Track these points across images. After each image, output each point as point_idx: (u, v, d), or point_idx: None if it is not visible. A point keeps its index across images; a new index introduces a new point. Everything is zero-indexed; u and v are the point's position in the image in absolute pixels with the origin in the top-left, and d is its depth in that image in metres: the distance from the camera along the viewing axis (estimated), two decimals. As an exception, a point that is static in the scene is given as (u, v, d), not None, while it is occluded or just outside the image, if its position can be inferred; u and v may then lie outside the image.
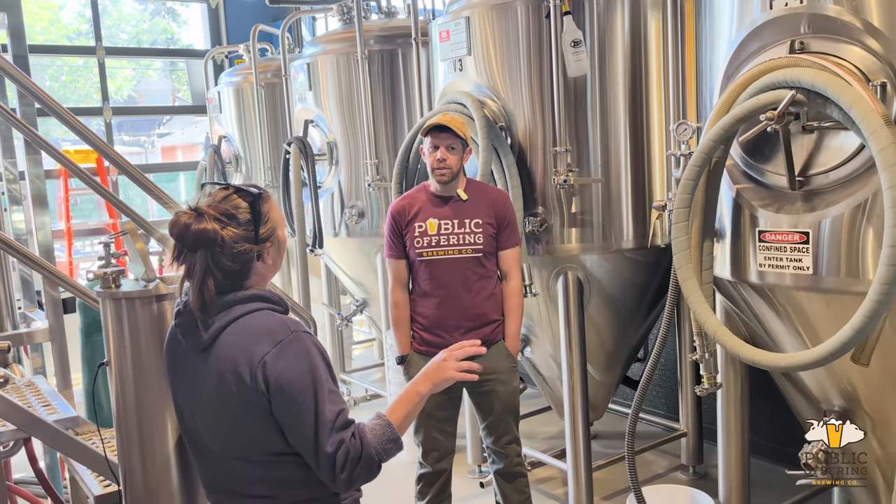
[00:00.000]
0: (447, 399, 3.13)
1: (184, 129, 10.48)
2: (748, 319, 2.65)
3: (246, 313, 1.68)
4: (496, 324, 3.09)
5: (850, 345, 1.99)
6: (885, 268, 1.90)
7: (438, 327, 3.05)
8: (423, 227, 3.04)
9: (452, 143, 2.97)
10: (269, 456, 1.68)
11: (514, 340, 3.12)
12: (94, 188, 3.01)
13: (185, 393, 1.77)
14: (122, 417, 2.11)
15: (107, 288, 2.13)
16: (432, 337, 3.07)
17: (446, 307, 3.03)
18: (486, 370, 3.06)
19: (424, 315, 3.08)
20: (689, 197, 2.39)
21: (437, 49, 3.77)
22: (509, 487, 3.22)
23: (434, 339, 3.06)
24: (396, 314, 3.14)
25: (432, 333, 3.07)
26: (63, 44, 9.20)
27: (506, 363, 3.10)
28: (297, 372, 1.63)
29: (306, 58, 4.88)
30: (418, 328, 3.11)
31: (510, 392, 3.12)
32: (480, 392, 3.12)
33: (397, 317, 3.14)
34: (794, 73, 2.11)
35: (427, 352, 3.08)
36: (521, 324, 3.16)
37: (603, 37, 3.36)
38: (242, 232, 1.68)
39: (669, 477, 4.20)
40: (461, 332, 3.03)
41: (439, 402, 3.11)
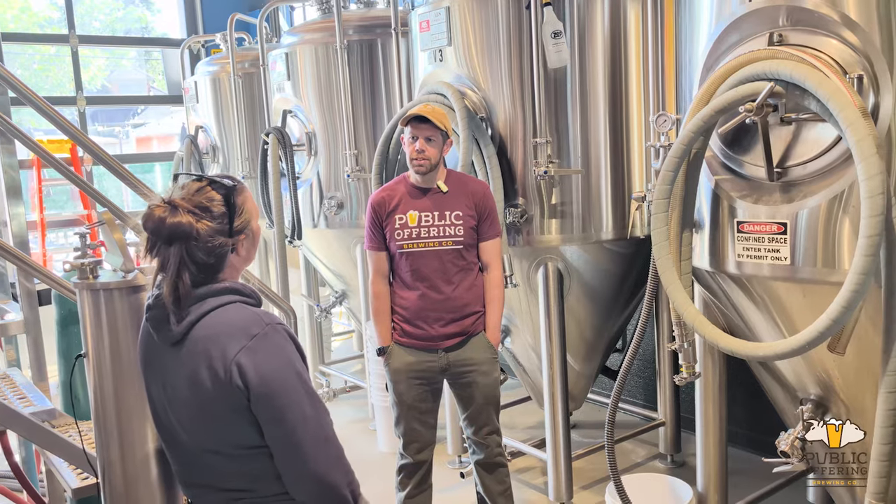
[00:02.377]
0: (428, 391, 3.13)
1: (159, 120, 10.35)
2: (726, 309, 2.68)
3: (219, 306, 1.66)
4: (477, 315, 3.09)
5: (826, 334, 2.02)
6: (861, 258, 1.92)
7: (419, 319, 3.05)
8: (403, 219, 3.03)
9: (431, 134, 2.96)
10: (244, 449, 1.67)
11: (495, 332, 3.12)
12: (71, 178, 2.97)
13: (158, 387, 1.75)
14: (101, 410, 2.09)
15: (84, 279, 2.10)
16: (413, 328, 3.07)
17: (427, 299, 3.03)
18: (467, 361, 3.07)
19: (405, 307, 3.07)
20: (668, 188, 2.41)
21: (418, 39, 3.75)
22: (490, 478, 3.23)
23: (415, 331, 3.06)
24: (377, 305, 3.13)
25: (413, 325, 3.07)
26: (34, 32, 9.03)
27: (486, 354, 3.11)
28: (275, 365, 1.62)
29: (284, 47, 4.84)
30: (399, 319, 3.11)
31: (491, 383, 3.13)
32: (461, 383, 3.12)
33: (378, 308, 3.13)
34: (772, 66, 2.13)
35: (408, 343, 3.08)
36: (502, 314, 3.17)
37: (583, 28, 3.36)
38: (217, 225, 1.65)
39: (648, 466, 4.25)
40: (442, 324, 3.03)
41: (420, 393, 3.11)
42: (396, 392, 3.12)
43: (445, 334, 3.04)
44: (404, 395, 3.11)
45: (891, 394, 2.09)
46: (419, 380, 3.10)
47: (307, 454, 1.63)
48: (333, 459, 1.67)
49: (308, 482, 1.65)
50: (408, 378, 3.09)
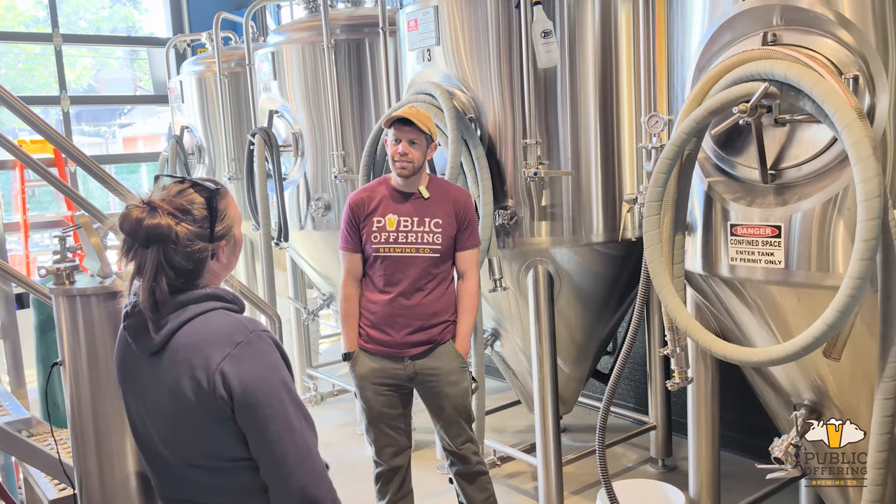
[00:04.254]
0: (396, 397, 3.06)
1: (146, 120, 10.25)
2: (719, 313, 2.64)
3: (200, 313, 1.60)
4: (445, 324, 3.02)
5: (822, 339, 1.98)
6: (858, 262, 1.89)
7: (386, 324, 2.97)
8: (381, 221, 2.96)
9: (415, 137, 2.89)
10: (227, 462, 1.60)
11: (465, 341, 3.04)
12: (48, 179, 2.90)
13: (137, 399, 1.68)
14: (78, 419, 2.03)
15: (60, 284, 2.04)
16: (378, 334, 2.99)
17: (396, 304, 2.95)
18: (434, 370, 3.00)
19: (373, 311, 2.99)
20: (660, 190, 2.37)
21: (406, 38, 3.70)
22: (472, 487, 3.15)
23: (381, 337, 2.98)
24: (346, 309, 3.04)
25: (379, 330, 2.98)
26: (19, 31, 8.92)
27: (454, 364, 3.02)
28: (260, 374, 1.56)
29: (271, 46, 4.78)
30: (365, 324, 3.02)
31: (459, 393, 3.04)
32: (429, 393, 3.04)
33: (347, 311, 3.04)
34: (766, 66, 2.09)
35: (374, 350, 3.00)
36: (474, 324, 3.09)
37: (573, 27, 3.32)
38: (197, 229, 1.59)
39: (639, 470, 4.21)
40: (409, 331, 2.96)
41: (388, 400, 3.03)
42: (364, 398, 3.04)
43: (412, 342, 2.96)
44: (372, 402, 3.03)
45: (887, 400, 2.06)
46: (386, 386, 3.02)
47: (292, 466, 1.57)
48: (318, 474, 1.61)
49: (294, 495, 1.58)
50: (373, 384, 3.01)
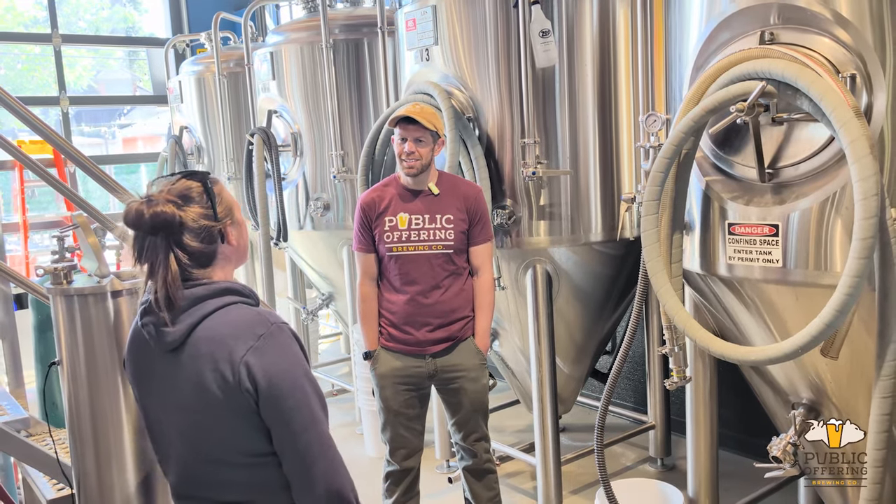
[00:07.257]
0: (415, 396, 3.08)
1: (145, 120, 10.25)
2: (717, 312, 2.64)
3: (220, 307, 1.60)
4: (465, 320, 3.04)
5: (819, 338, 1.98)
6: (855, 261, 1.89)
7: (407, 323, 2.99)
8: (393, 221, 2.97)
9: (421, 135, 2.89)
10: (249, 457, 1.61)
11: (484, 337, 3.07)
12: (47, 180, 2.89)
13: (155, 397, 1.67)
14: (76, 419, 2.03)
15: (57, 284, 2.04)
16: (400, 333, 3.01)
17: (415, 303, 2.97)
18: (455, 367, 3.02)
19: (393, 311, 3.01)
20: (658, 189, 2.37)
21: (404, 38, 3.70)
22: (479, 484, 3.19)
23: (401, 336, 3.01)
24: (364, 309, 3.07)
25: (400, 329, 3.01)
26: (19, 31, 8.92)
27: (475, 360, 3.05)
28: (284, 366, 1.57)
29: (270, 46, 4.78)
30: (386, 324, 3.05)
31: (479, 389, 3.07)
32: (449, 389, 3.07)
33: (365, 311, 3.07)
34: (764, 65, 2.09)
35: (395, 348, 3.02)
36: (492, 319, 3.12)
37: (571, 26, 3.32)
38: (201, 210, 1.61)
39: (638, 469, 4.21)
40: (429, 329, 2.98)
41: (407, 399, 3.05)
42: (383, 397, 3.07)
43: (433, 339, 2.99)
44: (391, 401, 3.05)
45: (884, 399, 2.06)
46: (406, 385, 3.04)
47: (315, 457, 1.58)
48: (340, 464, 1.62)
49: (318, 486, 1.58)
50: (394, 383, 3.04)
